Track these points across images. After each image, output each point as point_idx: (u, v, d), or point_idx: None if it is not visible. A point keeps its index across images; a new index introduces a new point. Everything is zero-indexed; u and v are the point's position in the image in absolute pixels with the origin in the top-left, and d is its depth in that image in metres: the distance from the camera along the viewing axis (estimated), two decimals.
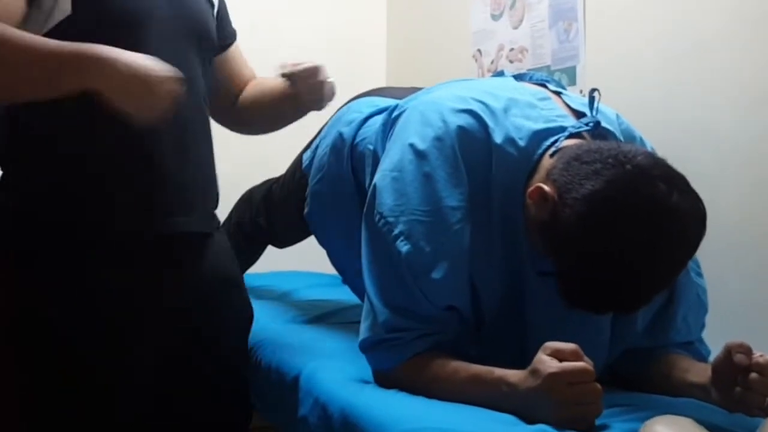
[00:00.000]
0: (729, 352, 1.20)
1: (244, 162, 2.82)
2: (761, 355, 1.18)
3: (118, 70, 1.27)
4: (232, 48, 1.73)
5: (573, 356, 1.17)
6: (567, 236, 1.24)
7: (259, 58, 3.05)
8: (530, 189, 1.31)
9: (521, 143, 1.38)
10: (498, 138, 1.39)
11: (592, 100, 1.45)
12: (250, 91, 1.78)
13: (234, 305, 1.61)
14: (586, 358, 1.17)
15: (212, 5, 1.60)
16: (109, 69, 1.27)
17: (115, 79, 1.28)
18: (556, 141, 1.38)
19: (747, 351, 1.19)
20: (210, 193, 1.56)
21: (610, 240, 1.20)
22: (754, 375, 1.17)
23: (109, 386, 1.39)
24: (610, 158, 1.23)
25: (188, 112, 1.49)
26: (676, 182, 1.22)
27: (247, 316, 1.66)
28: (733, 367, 1.19)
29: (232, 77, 1.71)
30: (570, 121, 1.43)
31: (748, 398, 1.18)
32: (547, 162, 1.35)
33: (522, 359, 1.26)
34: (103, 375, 1.38)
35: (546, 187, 1.28)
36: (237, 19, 2.98)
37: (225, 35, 1.67)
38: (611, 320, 1.43)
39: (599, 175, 1.22)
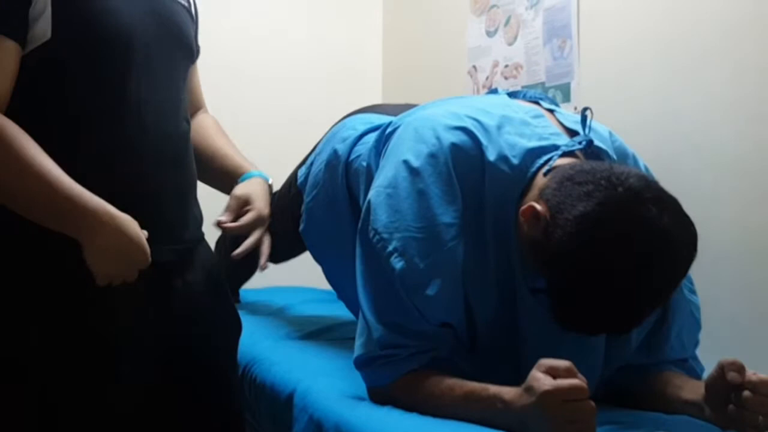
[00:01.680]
0: (722, 369, 1.20)
1: None
2: (754, 374, 1.19)
3: (109, 232, 1.29)
4: (193, 67, 1.69)
5: (567, 373, 1.16)
6: (558, 257, 1.25)
7: (257, 75, 3.10)
8: (523, 208, 1.32)
9: (514, 161, 1.39)
10: (491, 155, 1.40)
11: (584, 118, 1.45)
12: (199, 132, 1.71)
13: (220, 313, 1.60)
14: (580, 375, 1.17)
15: (192, 19, 1.59)
16: (102, 229, 1.29)
17: (101, 239, 1.29)
18: (549, 159, 1.38)
19: (740, 369, 1.19)
20: (195, 212, 1.55)
21: (600, 262, 1.21)
22: (747, 393, 1.17)
23: (108, 394, 1.38)
24: (603, 180, 1.24)
25: (174, 129, 1.48)
26: (668, 205, 1.23)
27: (234, 323, 1.65)
28: (727, 384, 1.19)
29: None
30: (563, 139, 1.44)
31: (742, 416, 1.18)
32: (540, 180, 1.36)
33: (516, 376, 1.26)
34: (103, 381, 1.37)
35: (538, 207, 1.29)
36: (234, 37, 3.03)
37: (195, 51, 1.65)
38: (605, 337, 1.43)
39: (591, 197, 1.23)
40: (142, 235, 1.33)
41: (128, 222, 1.32)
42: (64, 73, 1.33)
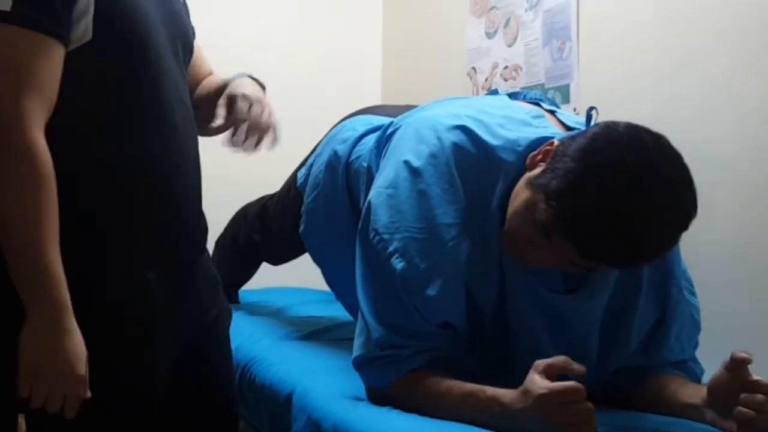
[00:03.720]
0: (727, 368, 1.19)
1: (238, 179, 2.82)
2: (759, 378, 1.18)
3: (56, 328, 1.21)
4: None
5: (562, 369, 1.17)
6: (566, 170, 1.25)
7: (257, 76, 3.09)
8: (532, 154, 1.34)
9: (519, 149, 1.39)
10: (495, 152, 1.40)
11: (589, 118, 1.45)
12: (199, 88, 1.66)
13: (221, 305, 1.60)
14: (576, 366, 1.18)
15: (186, 7, 1.58)
16: (52, 320, 1.21)
17: (45, 325, 1.21)
18: None
19: (747, 361, 1.19)
20: (201, 211, 1.56)
21: (607, 169, 1.22)
22: (761, 396, 1.15)
23: (128, 387, 1.37)
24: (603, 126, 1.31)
25: (191, 128, 1.48)
26: (666, 142, 1.29)
27: (229, 314, 1.65)
28: (732, 384, 1.18)
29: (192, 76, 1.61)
30: None
31: (753, 419, 1.15)
32: None
33: (504, 372, 1.27)
34: (123, 376, 1.36)
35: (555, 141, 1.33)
36: (236, 39, 3.02)
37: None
38: (604, 338, 1.44)
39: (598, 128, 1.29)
40: (84, 363, 1.24)
41: (77, 337, 1.23)
42: (101, 75, 1.31)
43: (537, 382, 1.17)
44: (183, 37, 1.50)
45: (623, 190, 1.20)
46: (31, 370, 1.23)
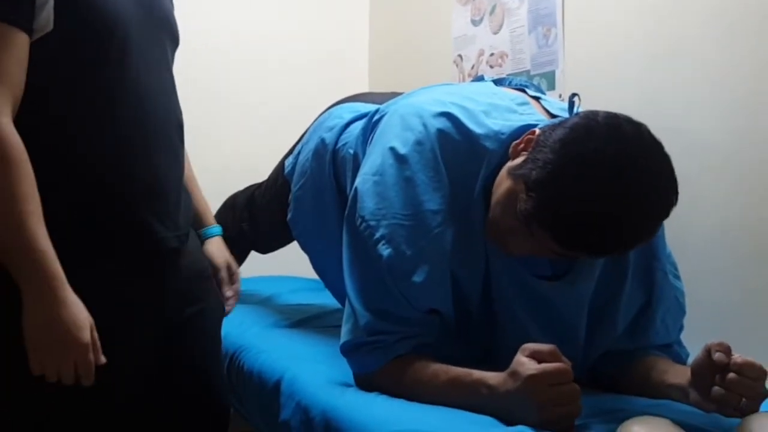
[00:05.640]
0: (708, 351, 1.21)
1: (226, 168, 2.83)
2: (739, 356, 1.19)
3: (54, 301, 1.22)
4: None
5: (551, 357, 1.17)
6: (546, 161, 1.24)
7: (244, 67, 3.09)
8: (515, 142, 1.34)
9: (502, 137, 1.40)
10: (479, 140, 1.40)
11: (572, 104, 1.46)
12: None
13: (209, 298, 1.60)
14: (564, 358, 1.18)
15: (172, 3, 1.58)
16: (49, 295, 1.22)
17: (45, 303, 1.22)
18: None
19: (726, 350, 1.20)
20: (185, 198, 1.55)
21: (585, 159, 1.22)
22: (732, 375, 1.18)
23: (102, 382, 1.37)
24: (582, 117, 1.29)
25: (168, 117, 1.47)
26: (645, 129, 1.27)
27: (220, 307, 1.66)
28: (712, 366, 1.20)
29: None
30: None
31: (726, 398, 1.19)
32: None
33: (489, 362, 1.28)
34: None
35: (537, 131, 1.32)
36: (221, 29, 3.02)
37: None
38: (591, 323, 1.45)
39: (578, 118, 1.28)
40: (88, 330, 1.26)
41: (75, 306, 1.25)
42: (64, 65, 1.31)
43: (525, 363, 1.17)
44: (166, 30, 1.49)
45: (602, 181, 1.20)
46: (34, 346, 1.24)
